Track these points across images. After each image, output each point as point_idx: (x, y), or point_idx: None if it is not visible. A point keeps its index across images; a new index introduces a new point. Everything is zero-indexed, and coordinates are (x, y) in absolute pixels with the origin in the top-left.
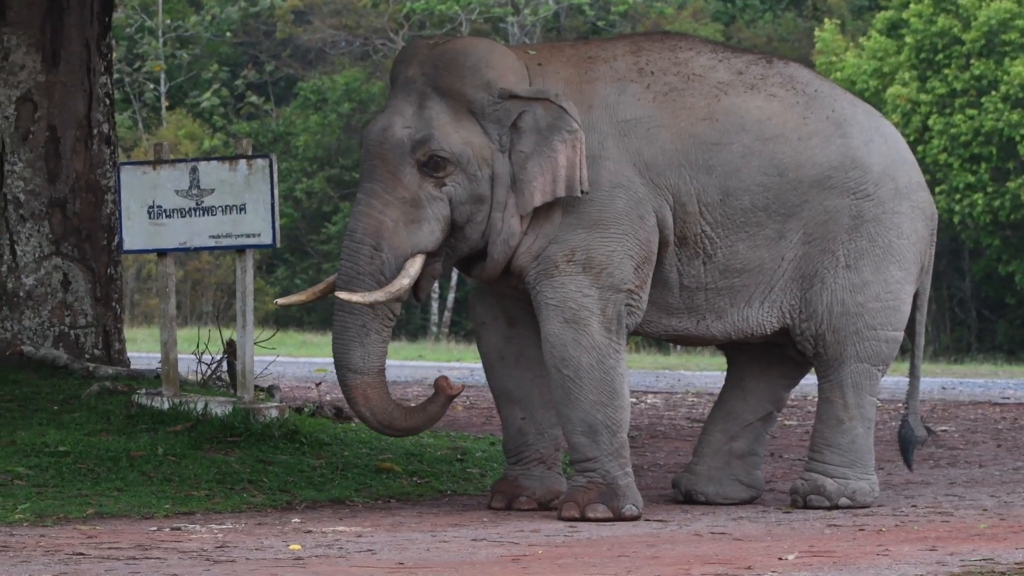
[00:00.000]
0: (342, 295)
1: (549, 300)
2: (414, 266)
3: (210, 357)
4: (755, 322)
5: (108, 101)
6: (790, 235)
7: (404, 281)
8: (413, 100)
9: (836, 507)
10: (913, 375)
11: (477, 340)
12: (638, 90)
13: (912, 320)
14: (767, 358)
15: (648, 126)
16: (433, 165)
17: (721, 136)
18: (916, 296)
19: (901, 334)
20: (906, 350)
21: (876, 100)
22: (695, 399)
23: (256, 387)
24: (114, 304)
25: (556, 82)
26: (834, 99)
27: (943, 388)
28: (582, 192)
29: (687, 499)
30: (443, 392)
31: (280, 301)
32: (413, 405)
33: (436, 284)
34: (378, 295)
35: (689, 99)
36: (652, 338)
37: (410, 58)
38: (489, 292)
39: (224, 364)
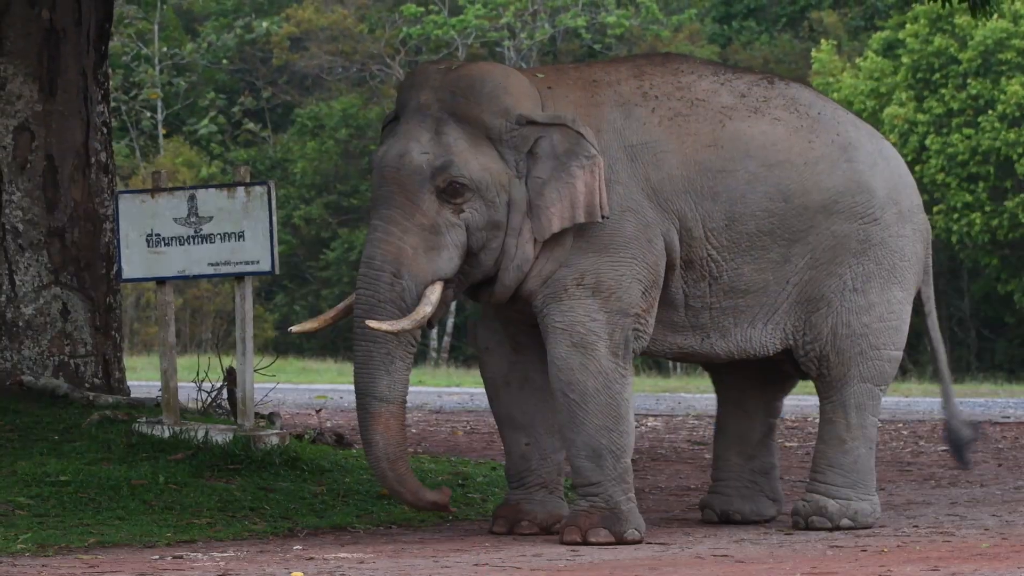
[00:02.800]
0: (372, 324)
1: (557, 324)
2: (435, 293)
3: (210, 385)
4: (758, 343)
5: (105, 129)
6: (795, 260)
7: (427, 308)
8: (429, 126)
9: (838, 528)
10: (942, 380)
11: (481, 365)
12: (644, 114)
13: (925, 327)
14: (762, 376)
15: (655, 151)
16: (452, 191)
17: (726, 163)
18: (922, 305)
19: (901, 353)
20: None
21: (873, 120)
22: (696, 421)
23: (256, 414)
24: (113, 333)
25: (565, 106)
26: (837, 122)
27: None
28: (603, 217)
29: (723, 520)
30: (443, 497)
31: (294, 329)
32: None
33: None
34: (405, 323)
35: (694, 125)
36: (657, 356)
37: (421, 83)
38: (493, 317)
39: (224, 392)
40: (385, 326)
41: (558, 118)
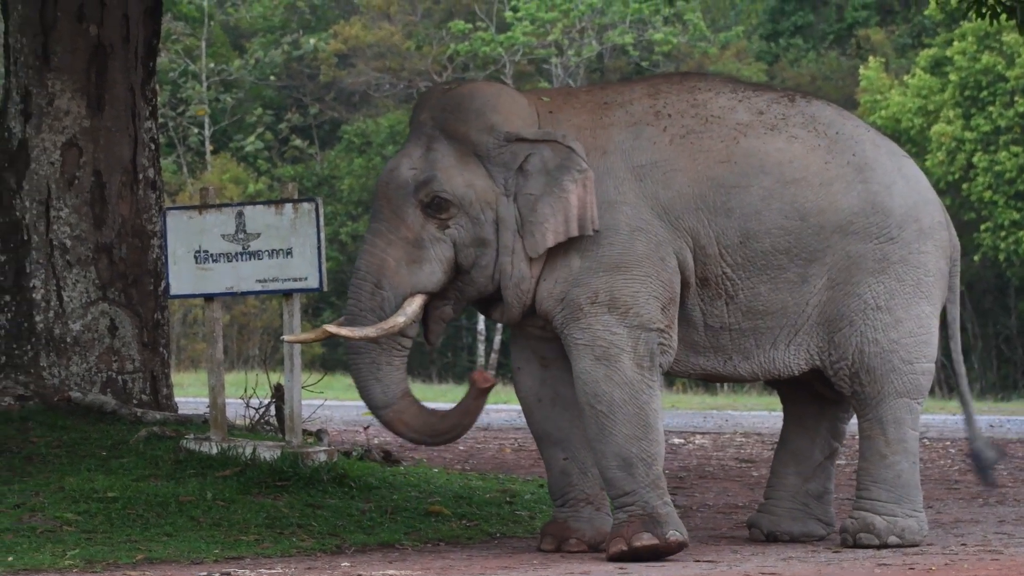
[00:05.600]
0: (331, 328)
1: (578, 340)
2: (412, 305)
3: (258, 401)
4: (782, 363)
5: (153, 146)
6: (813, 280)
7: (399, 319)
8: (422, 143)
9: (886, 546)
10: (964, 402)
11: (515, 385)
12: (654, 133)
13: (949, 349)
14: (823, 397)
15: (664, 170)
16: (436, 206)
17: (740, 179)
18: (947, 326)
19: (934, 365)
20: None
21: (921, 138)
22: (743, 439)
23: (304, 431)
24: (161, 349)
25: (568, 129)
26: (855, 141)
27: (991, 426)
28: (593, 231)
29: (770, 539)
30: (476, 385)
31: (287, 338)
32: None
33: (482, 326)
34: (369, 331)
35: (707, 141)
36: (683, 377)
37: (424, 103)
38: (521, 335)
39: (272, 408)
40: (344, 332)
41: (548, 134)
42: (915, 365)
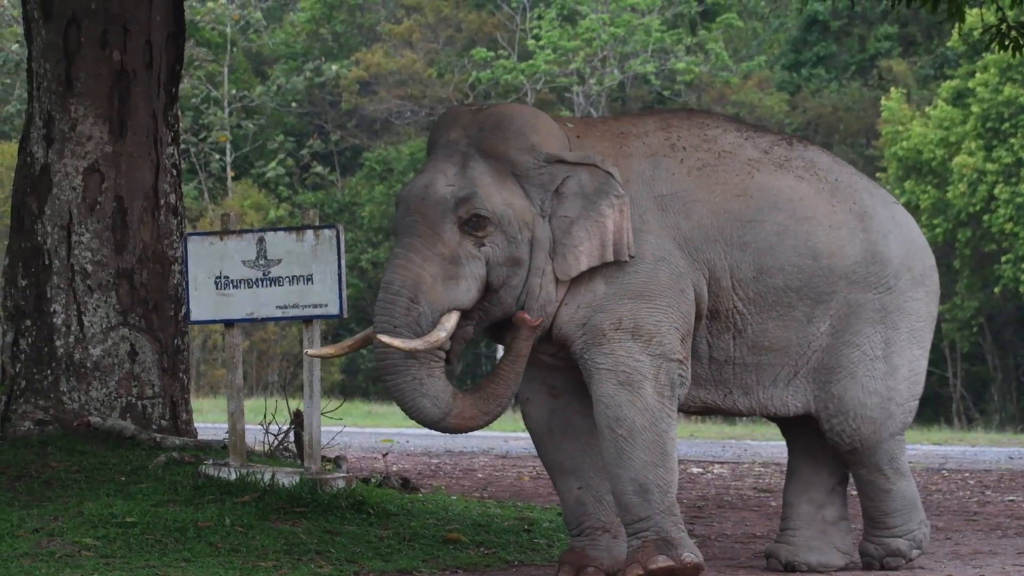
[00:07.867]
0: (383, 338)
1: (601, 365)
2: (450, 321)
3: (277, 427)
4: (779, 402)
5: (175, 171)
6: (818, 322)
7: (441, 334)
8: (456, 160)
9: (910, 561)
10: None
11: (524, 416)
12: (672, 165)
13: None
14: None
15: (685, 201)
16: (474, 224)
17: (755, 213)
18: None
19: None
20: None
21: (942, 169)
22: (761, 469)
23: (323, 457)
24: (181, 375)
25: (595, 155)
26: (854, 189)
27: (1010, 458)
28: (629, 256)
29: (788, 569)
30: (525, 324)
31: (310, 352)
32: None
33: (501, 353)
34: (417, 343)
35: (723, 175)
36: (681, 409)
37: (452, 122)
38: (530, 365)
39: (291, 434)
40: (396, 343)
41: (587, 158)
42: (906, 405)
